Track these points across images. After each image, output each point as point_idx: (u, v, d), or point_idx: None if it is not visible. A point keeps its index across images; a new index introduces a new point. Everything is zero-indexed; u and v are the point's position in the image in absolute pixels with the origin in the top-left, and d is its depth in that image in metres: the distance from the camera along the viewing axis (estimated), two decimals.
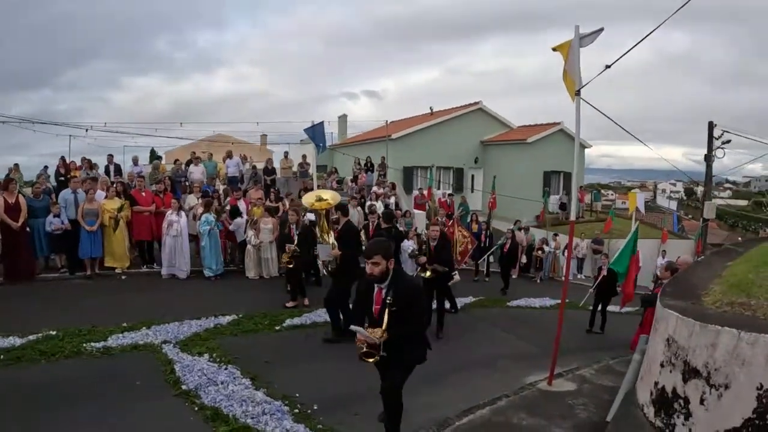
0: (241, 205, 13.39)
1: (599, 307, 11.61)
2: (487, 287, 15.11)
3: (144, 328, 7.98)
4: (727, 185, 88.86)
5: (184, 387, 6.00)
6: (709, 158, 22.63)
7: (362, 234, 12.09)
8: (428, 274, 8.98)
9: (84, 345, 7.16)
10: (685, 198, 71.29)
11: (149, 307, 9.25)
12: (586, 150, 31.16)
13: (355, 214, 14.88)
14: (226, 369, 6.60)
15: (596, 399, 6.46)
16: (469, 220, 18.57)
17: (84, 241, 11.17)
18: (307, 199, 9.19)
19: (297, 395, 6.05)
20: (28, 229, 10.88)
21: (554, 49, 6.97)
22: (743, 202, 57.44)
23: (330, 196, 9.05)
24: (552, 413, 5.95)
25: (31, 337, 7.26)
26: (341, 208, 9.73)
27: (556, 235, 20.53)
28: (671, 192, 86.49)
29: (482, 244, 15.96)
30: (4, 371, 6.27)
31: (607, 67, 6.62)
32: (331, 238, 8.82)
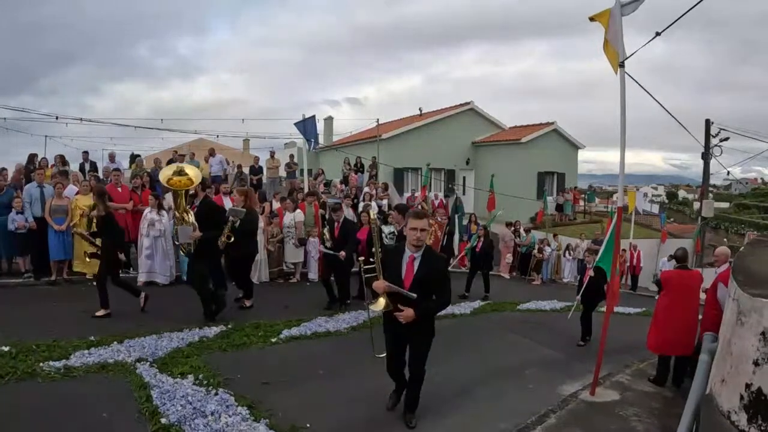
0: (227, 202, 12.18)
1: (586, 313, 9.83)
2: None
3: (115, 342, 6.76)
4: (709, 189, 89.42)
5: (164, 420, 4.74)
6: (706, 156, 22.14)
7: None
8: None
9: (41, 364, 5.91)
10: (666, 201, 71.42)
11: (122, 318, 8.04)
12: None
13: (350, 215, 13.79)
14: (216, 395, 5.40)
15: (646, 408, 6.21)
16: (467, 222, 17.66)
17: (52, 241, 9.95)
18: (164, 172, 8.34)
19: (308, 425, 4.99)
20: None
21: (592, 19, 6.31)
22: (725, 204, 57.72)
23: (193, 174, 8.16)
24: (609, 428, 5.62)
25: None
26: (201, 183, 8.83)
27: (556, 236, 19.73)
28: (653, 195, 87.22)
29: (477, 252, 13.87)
30: None
31: (657, 34, 6.24)
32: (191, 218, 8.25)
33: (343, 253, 9.42)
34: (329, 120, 34.66)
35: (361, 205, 15.37)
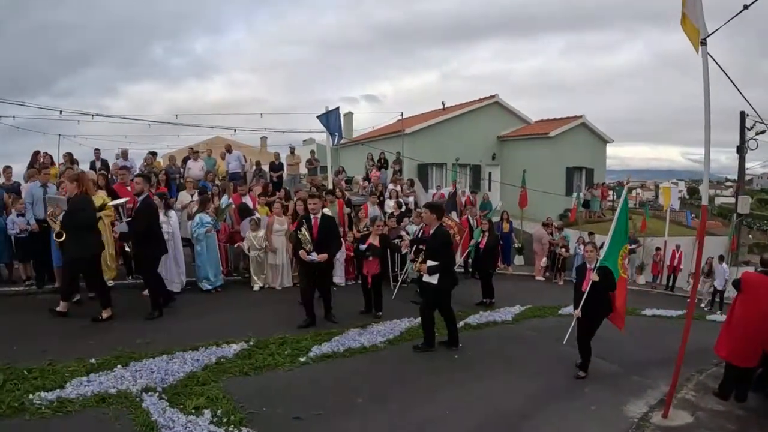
0: (248, 202, 11.25)
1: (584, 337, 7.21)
2: (532, 294, 12.99)
3: (118, 366, 5.78)
4: (728, 183, 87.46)
5: None
6: (742, 150, 21.15)
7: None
8: None
9: (30, 396, 4.95)
10: (688, 197, 70.02)
11: (129, 334, 7.06)
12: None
13: (376, 213, 12.86)
14: None
15: None
16: (499, 219, 16.59)
17: (56, 246, 8.92)
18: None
19: None
20: None
21: None
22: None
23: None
24: None
25: None
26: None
27: (592, 234, 18.51)
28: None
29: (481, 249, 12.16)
30: None
31: (745, 7, 5.53)
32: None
33: (324, 256, 7.94)
34: (349, 115, 33.67)
35: (388, 204, 14.38)
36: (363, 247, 9.07)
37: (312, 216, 8.07)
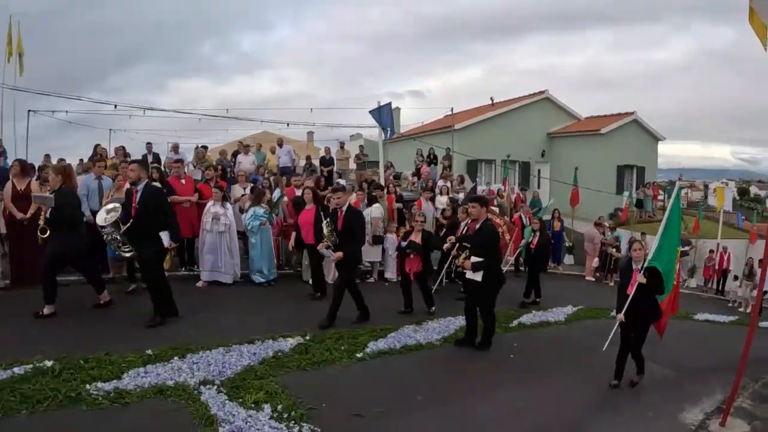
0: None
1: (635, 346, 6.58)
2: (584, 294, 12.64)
3: (176, 357, 5.66)
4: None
5: None
6: None
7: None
8: None
9: (87, 386, 4.86)
10: (738, 198, 67.55)
11: (184, 326, 6.98)
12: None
13: (430, 209, 12.58)
14: None
15: None
16: (550, 217, 16.16)
17: None
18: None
19: None
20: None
21: None
22: None
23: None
24: None
25: (16, 369, 5.03)
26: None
27: (643, 234, 17.85)
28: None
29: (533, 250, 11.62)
30: None
31: None
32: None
33: (339, 255, 7.50)
34: (396, 111, 33.43)
35: (440, 200, 14.08)
36: (403, 244, 8.80)
37: (338, 210, 7.75)
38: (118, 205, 7.10)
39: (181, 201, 9.85)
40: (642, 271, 6.25)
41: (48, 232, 7.08)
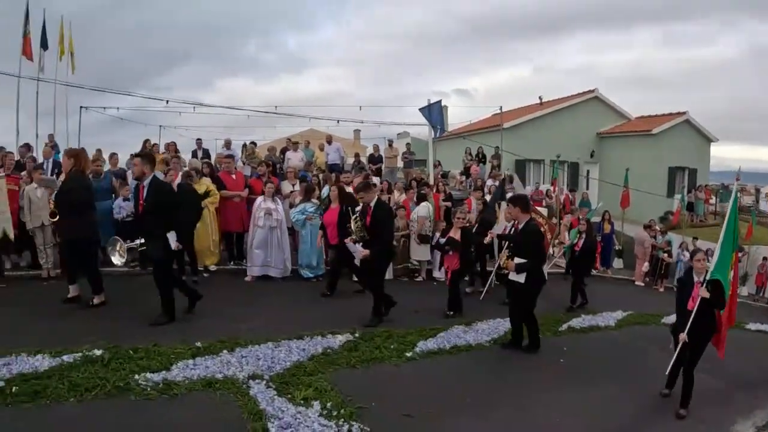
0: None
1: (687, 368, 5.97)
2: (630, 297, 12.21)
3: (224, 351, 5.60)
4: None
5: None
6: None
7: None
8: None
9: (136, 376, 4.82)
10: None
11: (232, 320, 6.91)
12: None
13: (475, 210, 12.31)
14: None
15: None
16: (601, 219, 15.72)
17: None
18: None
19: None
20: None
21: None
22: None
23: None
24: None
25: (65, 358, 5.05)
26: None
27: (695, 239, 17.16)
28: None
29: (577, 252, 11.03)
30: (5, 412, 4.12)
31: None
32: None
33: (366, 252, 7.22)
34: (444, 108, 33.20)
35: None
36: (442, 240, 8.49)
37: (368, 205, 7.48)
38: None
39: (232, 196, 9.88)
40: (704, 285, 5.70)
41: (57, 216, 7.12)
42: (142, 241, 6.44)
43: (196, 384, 4.83)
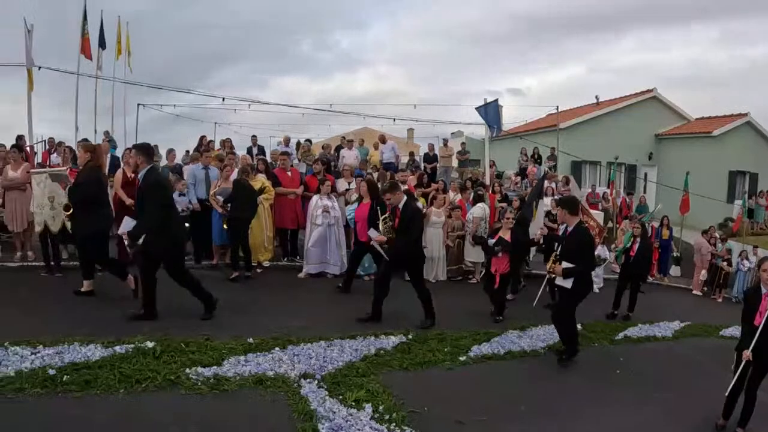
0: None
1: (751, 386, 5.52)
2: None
3: (276, 348, 5.51)
4: None
5: None
6: None
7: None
8: None
9: (187, 370, 4.77)
10: None
11: (284, 316, 6.81)
12: None
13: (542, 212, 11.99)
14: None
15: None
16: (659, 224, 15.20)
17: (216, 226, 9.15)
18: None
19: None
20: None
21: None
22: None
23: None
24: None
25: (117, 348, 5.04)
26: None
27: (756, 248, 16.22)
28: None
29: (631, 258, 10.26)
30: (56, 400, 4.12)
31: None
32: None
33: (381, 238, 7.14)
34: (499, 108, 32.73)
35: (545, 202, 13.44)
36: (491, 241, 8.15)
37: (396, 207, 7.17)
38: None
39: (287, 193, 9.86)
40: None
41: (71, 209, 7.07)
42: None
43: (246, 381, 4.75)
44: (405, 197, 7.15)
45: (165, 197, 6.22)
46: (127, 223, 6.04)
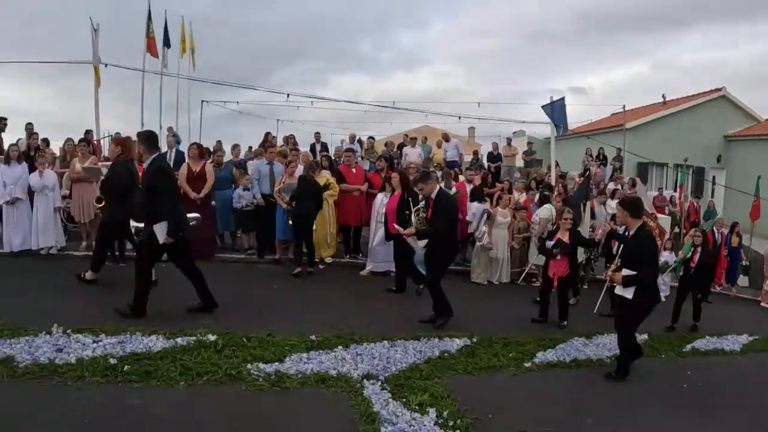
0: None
1: None
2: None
3: (339, 347, 5.42)
4: None
5: None
6: None
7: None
8: None
9: (248, 365, 4.73)
10: None
11: (347, 314, 6.74)
12: None
13: (602, 213, 11.58)
14: None
15: None
16: (729, 231, 14.30)
17: (279, 221, 9.17)
18: None
19: None
20: (213, 202, 9.27)
21: None
22: None
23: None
24: None
25: (179, 340, 5.06)
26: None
27: None
28: None
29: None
30: (116, 389, 4.16)
31: None
32: None
33: (410, 231, 6.88)
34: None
35: (610, 204, 12.98)
36: (550, 243, 7.75)
37: (428, 198, 6.90)
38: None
39: (351, 189, 9.80)
40: None
41: (102, 201, 7.18)
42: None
43: (308, 379, 4.67)
44: (438, 187, 6.95)
45: (168, 185, 5.99)
46: (161, 229, 5.74)
